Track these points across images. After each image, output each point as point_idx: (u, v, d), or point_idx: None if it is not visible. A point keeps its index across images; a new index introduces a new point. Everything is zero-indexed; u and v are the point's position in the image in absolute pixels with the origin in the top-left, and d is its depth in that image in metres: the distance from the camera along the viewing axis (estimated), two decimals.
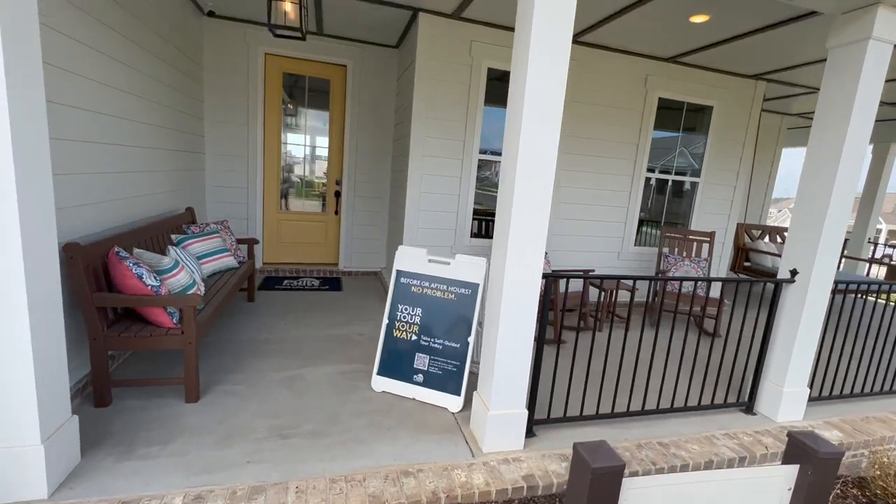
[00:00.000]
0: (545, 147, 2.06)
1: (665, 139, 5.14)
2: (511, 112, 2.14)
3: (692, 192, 5.35)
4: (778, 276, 2.84)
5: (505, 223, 2.15)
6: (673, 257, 4.76)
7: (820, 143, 2.64)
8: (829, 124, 2.60)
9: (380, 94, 5.20)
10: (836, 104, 2.56)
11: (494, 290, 2.27)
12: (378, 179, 5.42)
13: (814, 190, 2.67)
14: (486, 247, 4.62)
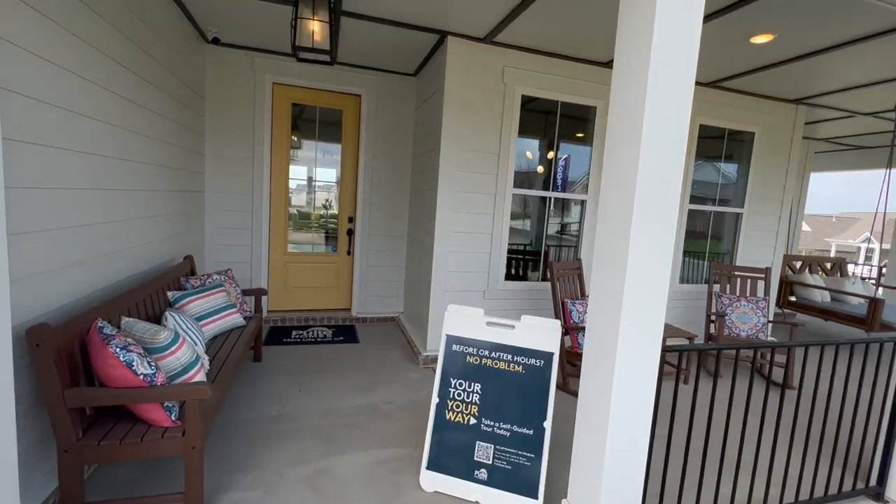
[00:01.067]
0: (670, 170, 1.62)
1: (706, 168, 4.78)
2: (617, 132, 1.71)
3: (735, 223, 4.95)
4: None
5: (614, 275, 1.68)
6: (727, 297, 4.29)
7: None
8: None
9: (396, 125, 4.81)
10: None
11: (599, 363, 1.77)
12: (395, 216, 4.95)
13: None
14: (523, 290, 4.12)
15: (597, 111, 4.11)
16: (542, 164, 4.40)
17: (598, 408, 1.77)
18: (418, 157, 4.57)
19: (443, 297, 3.87)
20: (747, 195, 4.86)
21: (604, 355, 1.74)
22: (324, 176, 4.90)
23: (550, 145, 4.29)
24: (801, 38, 3.18)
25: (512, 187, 3.94)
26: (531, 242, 5.11)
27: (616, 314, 1.68)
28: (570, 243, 4.53)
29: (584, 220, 4.24)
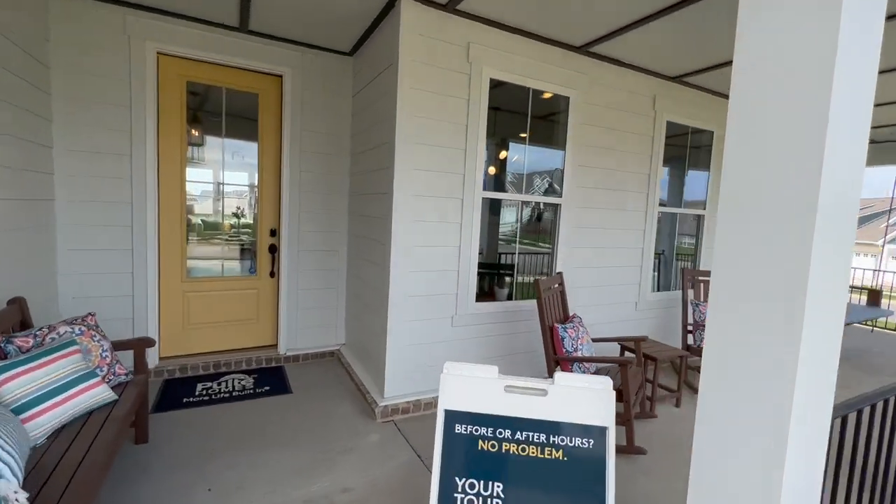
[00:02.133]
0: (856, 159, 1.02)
1: (672, 168, 4.52)
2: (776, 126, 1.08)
3: (698, 226, 4.78)
4: None
5: (785, 293, 1.05)
6: (705, 305, 4.02)
7: None
8: None
9: (330, 115, 3.91)
10: None
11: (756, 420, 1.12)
12: (332, 227, 4.03)
13: None
14: (497, 313, 3.46)
15: (570, 102, 3.59)
16: (514, 163, 3.80)
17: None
18: (361, 155, 3.71)
19: (403, 327, 3.07)
20: (709, 196, 4.70)
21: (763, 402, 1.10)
22: (236, 179, 3.83)
23: (518, 141, 3.69)
24: None
25: (482, 190, 3.26)
26: (497, 254, 4.49)
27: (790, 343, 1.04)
28: (543, 252, 3.98)
29: (558, 227, 3.69)
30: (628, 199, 4.07)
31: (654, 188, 4.19)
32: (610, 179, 3.94)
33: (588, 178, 3.80)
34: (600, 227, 3.94)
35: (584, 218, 3.83)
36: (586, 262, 3.88)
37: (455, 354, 3.30)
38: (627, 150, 3.99)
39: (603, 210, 3.93)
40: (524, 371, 3.65)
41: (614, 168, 3.94)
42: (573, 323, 3.05)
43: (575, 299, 3.76)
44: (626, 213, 4.09)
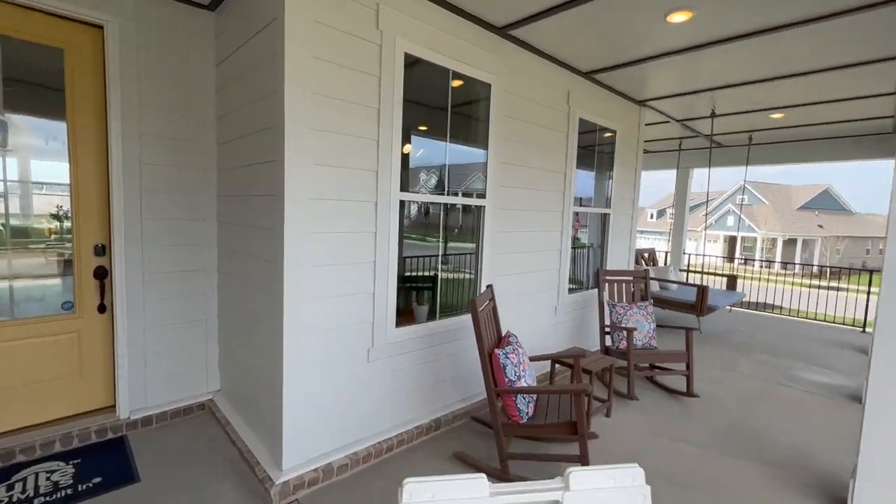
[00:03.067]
0: None
1: (580, 167, 4.43)
2: None
3: (604, 224, 4.81)
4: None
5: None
6: (621, 306, 3.99)
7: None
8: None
9: (185, 87, 2.89)
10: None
11: None
12: (194, 240, 3.02)
13: None
14: (420, 338, 2.89)
15: (492, 91, 3.17)
16: (419, 158, 3.25)
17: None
18: (233, 145, 2.80)
19: (304, 369, 2.33)
20: (613, 195, 4.76)
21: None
22: (29, 174, 2.60)
23: (433, 133, 3.16)
24: (725, 17, 2.86)
25: (398, 191, 2.65)
26: (413, 265, 3.91)
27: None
28: (467, 261, 3.52)
29: (482, 230, 3.27)
30: (548, 199, 3.84)
31: (570, 187, 4.03)
32: (532, 177, 3.64)
33: (511, 176, 3.44)
34: (524, 229, 3.63)
35: (509, 220, 3.47)
36: (511, 269, 3.54)
37: (373, 395, 2.66)
38: (546, 147, 3.74)
39: (526, 211, 3.62)
40: (452, 397, 3.16)
41: (536, 166, 3.65)
42: (512, 345, 2.64)
43: (500, 311, 3.39)
44: (547, 214, 3.85)
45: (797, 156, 6.67)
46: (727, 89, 4.33)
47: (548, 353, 4.01)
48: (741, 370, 4.50)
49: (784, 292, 10.17)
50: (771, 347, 5.35)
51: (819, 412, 3.54)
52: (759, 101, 4.78)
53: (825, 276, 24.96)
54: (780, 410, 3.54)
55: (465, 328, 3.18)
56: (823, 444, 3.00)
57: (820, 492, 2.47)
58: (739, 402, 3.67)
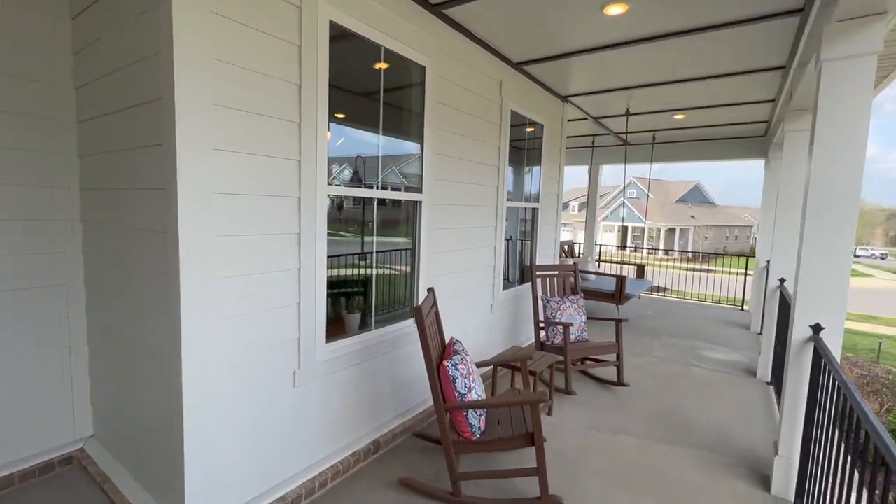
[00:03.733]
0: None
1: (510, 162, 4.35)
2: None
3: (534, 219, 4.81)
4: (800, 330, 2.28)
5: None
6: (555, 300, 3.99)
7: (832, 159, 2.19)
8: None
9: (26, 44, 2.16)
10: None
11: None
12: (47, 244, 2.30)
13: (834, 208, 2.20)
14: (356, 352, 2.54)
15: (426, 74, 2.88)
16: (340, 147, 2.88)
17: None
18: (97, 122, 2.16)
19: (210, 406, 1.86)
20: (541, 189, 4.77)
21: None
22: None
23: (361, 120, 2.80)
24: (657, 17, 2.88)
25: (325, 184, 2.26)
26: (343, 266, 3.49)
27: None
28: (400, 259, 3.20)
29: (419, 228, 2.99)
30: (483, 194, 3.68)
31: (503, 181, 3.92)
32: (468, 171, 3.44)
33: (448, 169, 3.20)
34: (460, 225, 3.42)
35: (446, 216, 3.23)
36: (448, 267, 3.31)
37: (301, 424, 2.26)
38: (481, 139, 3.56)
39: (463, 206, 3.42)
40: (390, 413, 2.86)
41: (471, 158, 3.46)
42: (459, 354, 2.41)
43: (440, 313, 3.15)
44: (482, 209, 3.69)
45: (691, 154, 7.39)
46: (642, 89, 4.54)
47: (484, 351, 3.88)
48: (656, 354, 4.81)
49: (670, 276, 11.38)
50: (675, 329, 5.85)
51: (726, 389, 3.87)
52: (668, 102, 5.12)
53: (698, 260, 28.79)
54: (696, 390, 3.80)
55: (403, 335, 2.89)
56: (737, 422, 3.25)
57: (747, 470, 2.64)
58: (661, 386, 3.89)
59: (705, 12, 2.80)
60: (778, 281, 4.01)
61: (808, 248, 2.25)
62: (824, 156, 2.19)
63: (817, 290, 2.24)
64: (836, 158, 2.17)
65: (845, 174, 2.15)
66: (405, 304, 3.11)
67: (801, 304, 2.29)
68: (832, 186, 2.18)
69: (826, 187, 2.19)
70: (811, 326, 2.26)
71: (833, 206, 2.18)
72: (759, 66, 3.80)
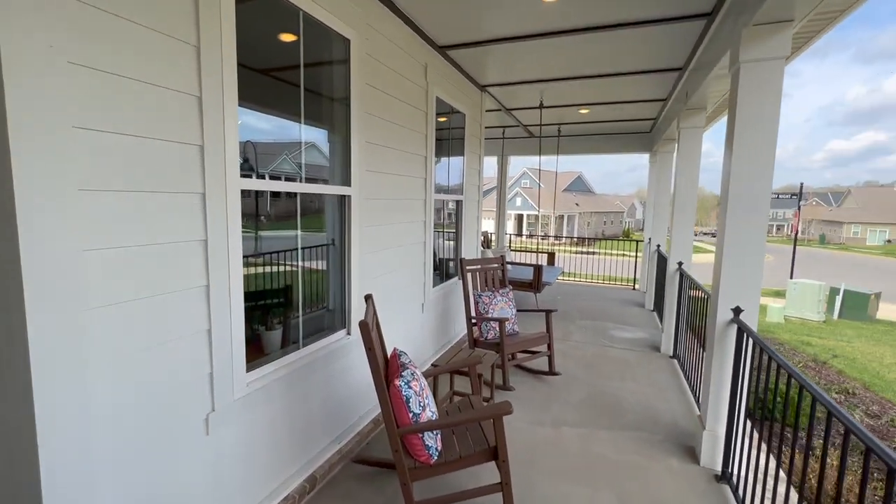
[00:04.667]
0: None
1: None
2: None
3: (459, 212, 4.66)
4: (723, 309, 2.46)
5: None
6: (486, 294, 3.91)
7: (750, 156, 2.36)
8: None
9: None
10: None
11: None
12: None
13: (752, 202, 2.38)
14: (282, 379, 2.12)
15: (351, 49, 2.50)
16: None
17: None
18: None
19: (83, 481, 1.35)
20: (464, 181, 4.63)
21: None
22: None
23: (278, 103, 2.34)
24: (585, 8, 2.85)
25: (238, 177, 1.80)
26: (259, 269, 2.93)
27: None
28: (323, 259, 2.79)
29: (348, 226, 2.62)
30: (413, 186, 3.41)
31: (431, 172, 3.68)
32: (397, 161, 3.14)
33: (378, 160, 2.87)
34: (392, 220, 3.12)
35: (378, 212, 2.90)
36: (381, 268, 3.00)
37: (220, 477, 1.80)
38: (409, 127, 3.28)
39: (393, 200, 3.11)
40: (323, 440, 2.49)
41: (400, 148, 3.15)
42: (408, 368, 2.14)
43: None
44: (412, 202, 3.42)
45: (589, 147, 7.92)
46: (555, 83, 4.64)
47: (418, 354, 3.66)
48: (575, 338, 5.05)
49: (565, 260, 12.30)
50: (585, 312, 6.24)
51: (639, 367, 4.18)
52: (576, 97, 5.34)
53: (584, 244, 31.77)
54: (616, 370, 4.04)
55: (338, 349, 2.53)
56: (657, 399, 3.51)
57: (675, 446, 2.82)
58: (587, 369, 4.06)
59: (628, 7, 2.86)
60: (677, 264, 4.43)
61: (730, 238, 2.42)
62: (742, 150, 2.35)
63: (737, 276, 2.43)
64: (753, 151, 2.34)
65: (760, 166, 2.34)
66: (335, 310, 2.73)
67: (723, 290, 2.47)
68: (751, 180, 2.35)
69: (746, 179, 2.36)
70: (732, 309, 2.44)
71: (752, 198, 2.36)
72: (661, 67, 4.09)
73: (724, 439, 2.49)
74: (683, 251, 4.41)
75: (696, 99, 3.93)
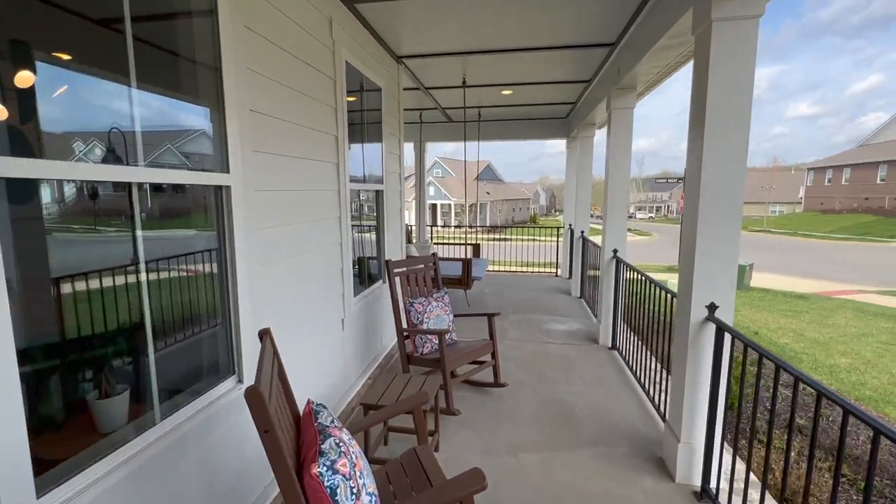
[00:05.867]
0: None
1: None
2: None
3: (379, 203, 3.97)
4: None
5: None
6: (419, 302, 3.31)
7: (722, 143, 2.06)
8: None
9: None
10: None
11: None
12: None
13: (726, 188, 2.10)
14: (132, 476, 1.32)
15: None
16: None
17: None
18: None
19: None
20: (384, 169, 3.95)
21: None
22: None
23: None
24: None
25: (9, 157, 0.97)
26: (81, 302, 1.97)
27: None
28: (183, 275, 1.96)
29: (229, 230, 1.83)
30: (322, 173, 2.67)
31: (345, 156, 2.97)
32: (300, 141, 2.38)
33: (270, 137, 2.09)
34: (294, 219, 2.36)
35: (273, 207, 2.14)
36: (281, 285, 2.25)
37: None
38: (312, 97, 2.52)
39: (296, 191, 2.36)
40: None
41: (302, 122, 2.39)
42: (331, 437, 1.47)
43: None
44: (321, 195, 2.68)
45: (508, 133, 7.65)
46: (478, 55, 4.15)
47: (339, 387, 2.97)
48: (511, 336, 4.70)
49: (483, 247, 12.22)
50: (516, 305, 5.96)
51: (583, 363, 3.93)
52: (499, 75, 4.91)
53: (496, 231, 32.50)
54: (561, 371, 3.74)
55: (224, 408, 1.77)
56: (608, 400, 3.24)
57: (643, 459, 2.53)
58: (531, 373, 3.70)
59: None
60: (612, 252, 4.25)
61: (703, 230, 2.12)
62: (716, 129, 2.04)
63: (711, 271, 2.15)
64: (728, 129, 2.04)
65: (734, 148, 2.05)
66: (218, 349, 1.94)
67: (697, 287, 2.17)
68: (726, 163, 2.06)
69: (721, 162, 2.06)
70: (707, 307, 2.16)
71: (727, 184, 2.07)
72: (592, 42, 3.79)
73: (702, 453, 2.22)
74: (617, 238, 4.24)
75: (629, 78, 3.70)
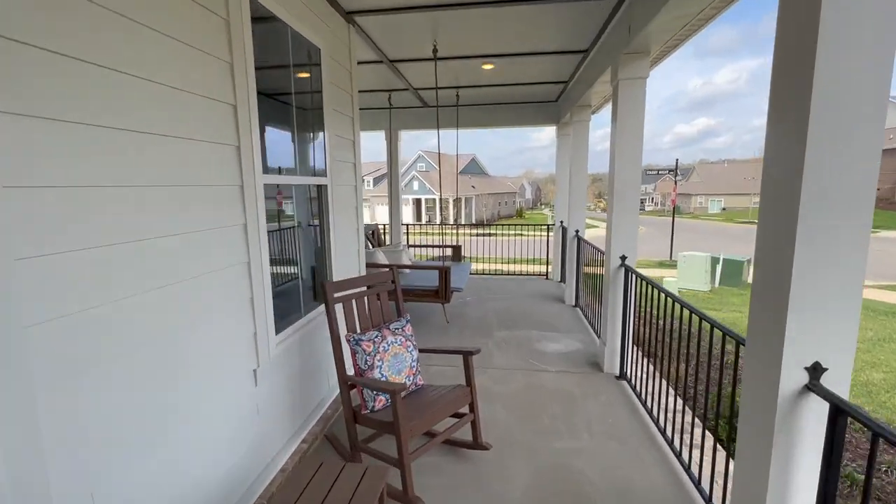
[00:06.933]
0: None
1: (267, 104, 2.45)
2: None
3: (322, 201, 3.06)
4: None
5: None
6: (369, 338, 2.42)
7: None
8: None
9: None
10: None
11: None
12: None
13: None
14: None
15: None
16: None
17: None
18: None
19: None
20: (328, 156, 3.04)
21: None
22: None
23: None
24: None
25: None
26: None
27: None
28: None
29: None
30: (205, 160, 1.74)
31: (252, 135, 2.05)
32: (152, 104, 1.45)
33: (85, 89, 1.16)
34: (146, 231, 1.44)
35: (96, 210, 1.21)
36: (124, 346, 1.33)
37: None
38: (177, 38, 1.59)
39: (136, 188, 1.43)
40: None
41: (158, 77, 1.46)
42: None
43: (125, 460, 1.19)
44: (211, 192, 1.76)
45: (491, 120, 6.78)
46: (452, 10, 3.26)
47: (251, 467, 2.07)
48: (496, 362, 3.86)
49: (468, 244, 11.41)
50: (502, 317, 5.12)
51: (587, 402, 3.10)
52: (478, 43, 4.04)
53: (482, 226, 31.83)
54: (561, 417, 2.91)
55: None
56: (628, 465, 2.42)
57: None
58: (521, 419, 2.87)
59: None
60: (620, 259, 3.40)
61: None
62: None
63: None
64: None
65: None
66: None
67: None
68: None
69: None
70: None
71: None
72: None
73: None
74: (626, 241, 3.39)
75: (641, 39, 2.83)
